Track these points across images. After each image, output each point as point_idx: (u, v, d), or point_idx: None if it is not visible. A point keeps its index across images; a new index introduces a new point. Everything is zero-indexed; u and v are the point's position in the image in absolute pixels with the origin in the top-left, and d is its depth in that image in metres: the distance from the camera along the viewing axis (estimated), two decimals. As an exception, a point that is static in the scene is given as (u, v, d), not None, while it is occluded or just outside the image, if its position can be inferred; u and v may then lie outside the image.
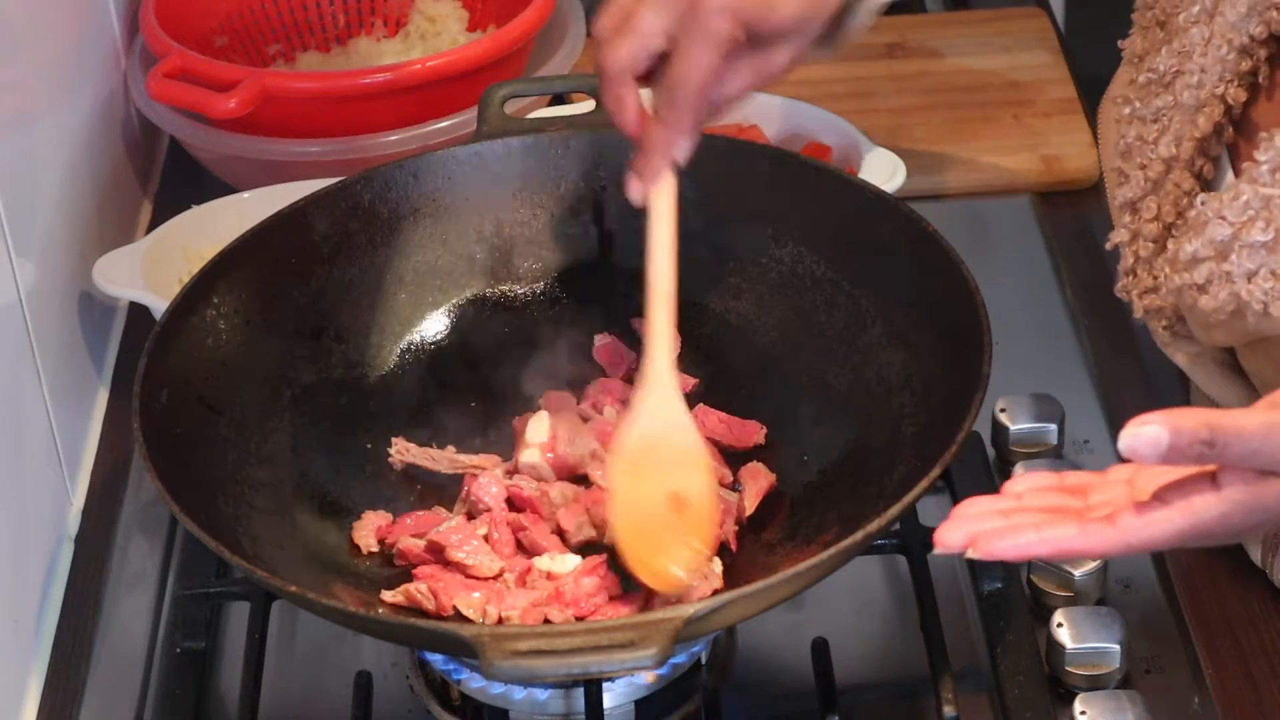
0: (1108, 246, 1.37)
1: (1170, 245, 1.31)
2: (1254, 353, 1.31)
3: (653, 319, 1.26)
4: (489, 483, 1.29)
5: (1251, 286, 1.24)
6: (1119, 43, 1.42)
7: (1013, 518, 1.03)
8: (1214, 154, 1.32)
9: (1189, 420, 0.96)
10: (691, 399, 1.37)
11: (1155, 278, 1.32)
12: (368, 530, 1.29)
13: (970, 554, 1.02)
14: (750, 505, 1.29)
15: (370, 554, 1.28)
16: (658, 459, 1.23)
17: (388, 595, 1.24)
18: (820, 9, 1.29)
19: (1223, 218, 1.25)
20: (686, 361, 1.40)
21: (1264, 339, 1.27)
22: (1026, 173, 1.72)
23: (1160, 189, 1.33)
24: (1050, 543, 1.01)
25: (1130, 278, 1.35)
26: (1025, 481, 1.07)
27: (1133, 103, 1.37)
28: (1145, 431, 0.97)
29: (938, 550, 1.03)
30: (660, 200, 1.28)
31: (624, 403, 1.37)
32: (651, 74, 1.28)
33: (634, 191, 1.28)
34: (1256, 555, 1.35)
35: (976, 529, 1.03)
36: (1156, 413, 0.97)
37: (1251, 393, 1.36)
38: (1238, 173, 1.30)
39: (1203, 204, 1.27)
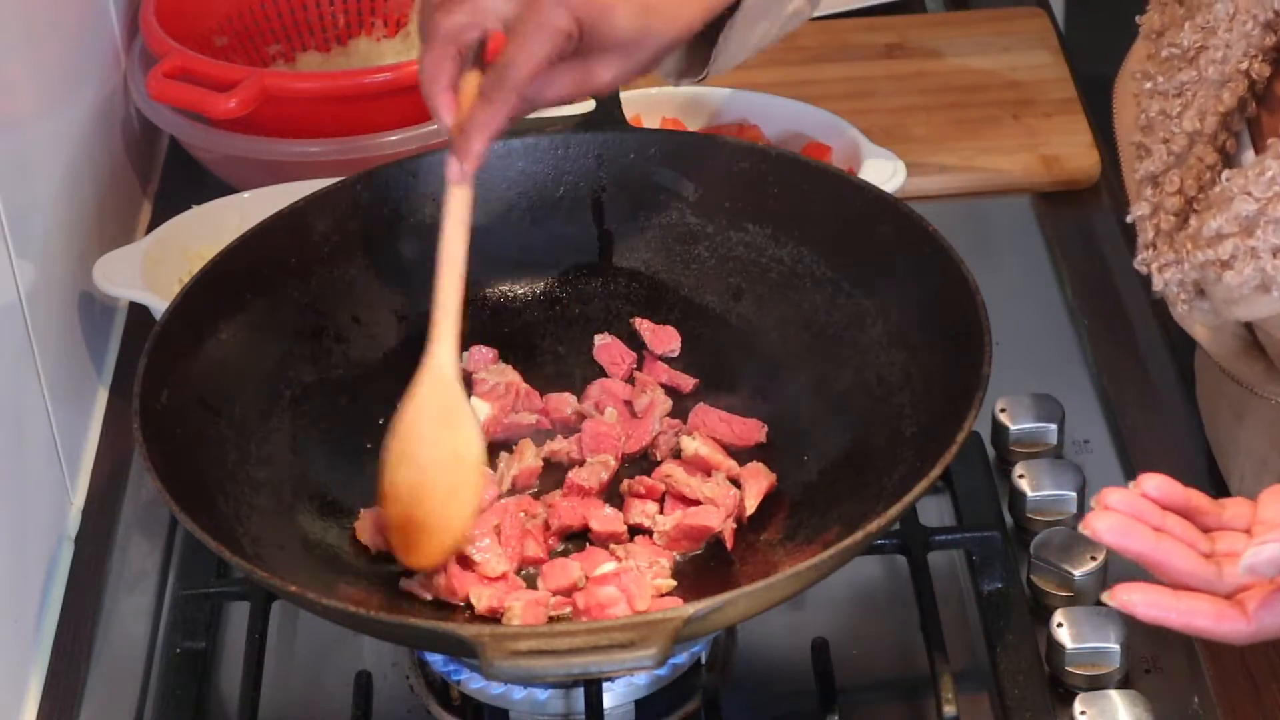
0: (1128, 219, 1.37)
1: (1193, 220, 1.31)
2: (1275, 328, 1.31)
3: (439, 305, 1.25)
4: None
5: (1277, 262, 1.24)
6: (1136, 18, 1.42)
7: (1160, 544, 1.07)
8: (1236, 129, 1.32)
9: None
10: (691, 398, 1.37)
11: (1176, 252, 1.32)
12: (368, 526, 1.29)
13: (1111, 603, 1.07)
14: (751, 505, 1.29)
15: (370, 553, 1.28)
16: (427, 446, 1.24)
17: (405, 584, 1.25)
18: (656, 35, 1.27)
19: (1249, 193, 1.25)
20: (687, 361, 1.40)
21: None
22: (1026, 173, 1.72)
23: (1183, 163, 1.33)
24: (1186, 617, 1.06)
25: (1150, 251, 1.35)
26: (1156, 485, 1.09)
27: (1154, 77, 1.37)
28: (1266, 551, 1.03)
29: (1085, 530, 1.07)
30: (459, 193, 1.26)
31: (628, 403, 1.37)
32: (463, 58, 1.26)
33: (452, 172, 1.26)
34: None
35: (1119, 523, 1.07)
36: (1275, 532, 1.03)
37: (1269, 367, 1.36)
38: (1258, 148, 1.31)
39: (1227, 180, 1.27)
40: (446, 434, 1.24)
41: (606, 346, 1.41)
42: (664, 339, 1.40)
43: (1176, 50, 1.35)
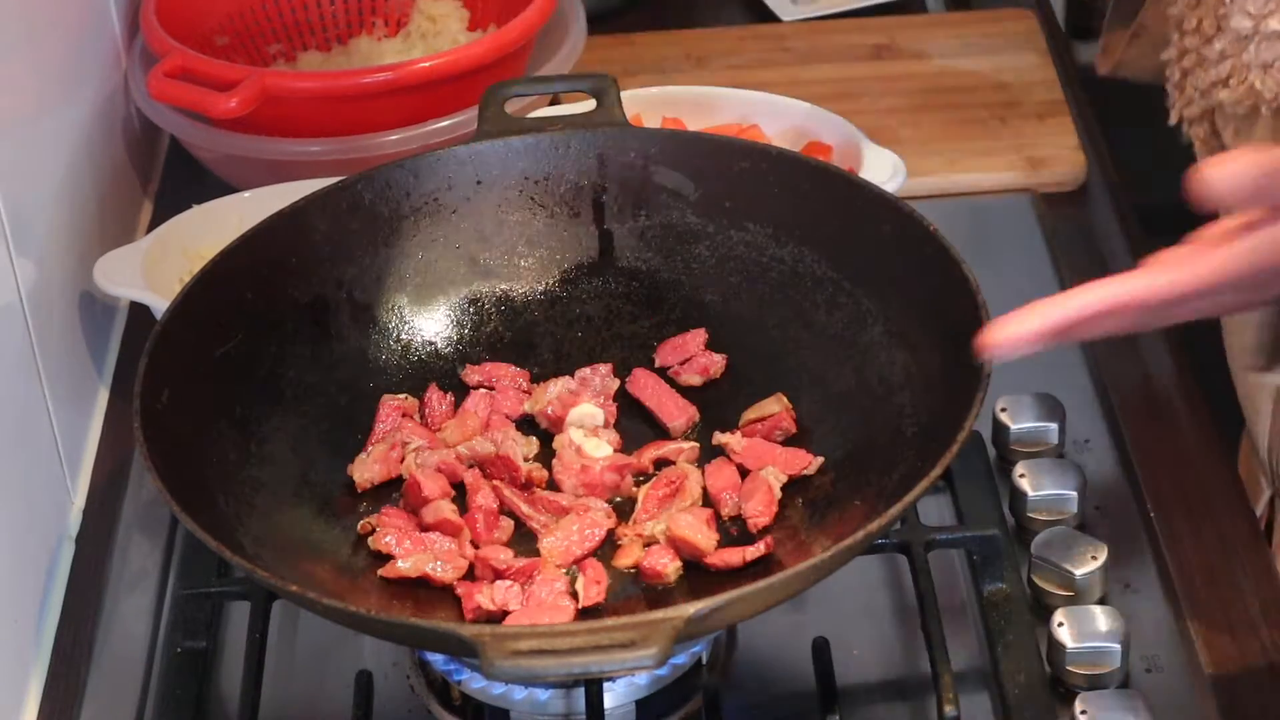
0: (1162, 57, 1.36)
1: (1203, 49, 1.31)
2: None
3: None
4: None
5: (1266, 78, 1.25)
6: None
7: None
8: None
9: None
10: (692, 395, 1.37)
11: (1196, 88, 1.33)
12: (368, 467, 1.32)
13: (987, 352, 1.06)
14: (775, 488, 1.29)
15: (371, 554, 1.28)
16: None
17: (403, 565, 1.25)
18: None
19: (1246, 11, 1.26)
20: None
21: None
22: (1012, 175, 1.72)
23: (1202, 3, 1.33)
24: (1078, 299, 1.04)
25: (1179, 94, 1.35)
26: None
27: None
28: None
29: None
30: None
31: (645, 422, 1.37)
32: None
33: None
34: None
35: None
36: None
37: None
38: None
39: (1230, 2, 1.27)
40: None
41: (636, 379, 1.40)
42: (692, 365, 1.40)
43: None
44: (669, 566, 1.24)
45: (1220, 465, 1.45)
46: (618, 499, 1.31)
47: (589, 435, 1.34)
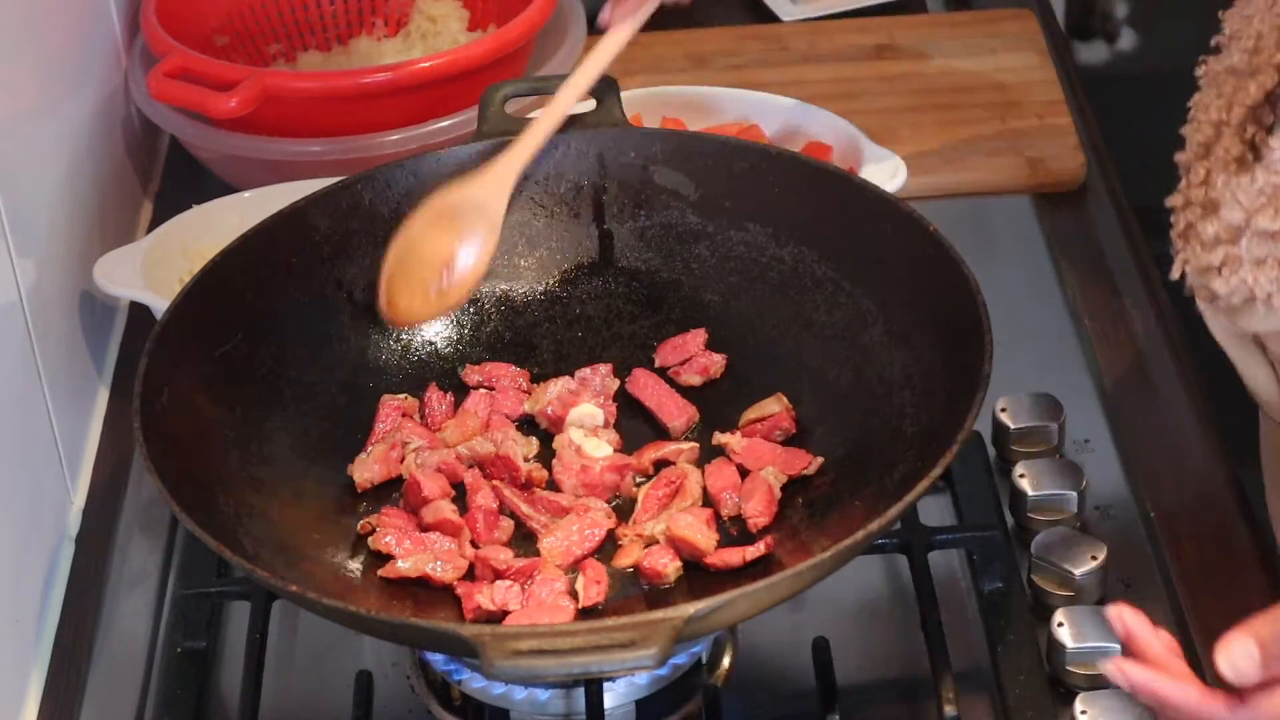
0: (1168, 203, 1.36)
1: (1199, 223, 1.30)
2: (1273, 343, 1.31)
3: (541, 123, 1.38)
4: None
5: (1259, 274, 1.23)
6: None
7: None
8: (1266, 122, 1.29)
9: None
10: (692, 395, 1.37)
11: (1195, 265, 1.31)
12: (368, 467, 1.32)
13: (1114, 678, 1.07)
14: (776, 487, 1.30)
15: (371, 554, 1.28)
16: (454, 221, 1.35)
17: (403, 565, 1.25)
18: None
19: (1238, 201, 1.24)
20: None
21: None
22: (1012, 175, 1.71)
23: (1211, 154, 1.31)
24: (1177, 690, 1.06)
25: (1183, 243, 1.33)
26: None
27: (1206, 62, 1.35)
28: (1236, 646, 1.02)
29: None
30: (615, 37, 1.39)
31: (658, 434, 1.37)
32: None
33: (604, 17, 1.40)
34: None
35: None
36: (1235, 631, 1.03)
37: None
38: None
39: (1223, 185, 1.26)
40: (478, 190, 1.36)
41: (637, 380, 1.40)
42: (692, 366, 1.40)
43: (1223, 38, 1.33)
44: (669, 566, 1.24)
45: (1220, 465, 1.45)
46: (618, 499, 1.31)
47: (589, 435, 1.34)
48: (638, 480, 1.32)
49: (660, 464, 1.33)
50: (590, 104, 1.44)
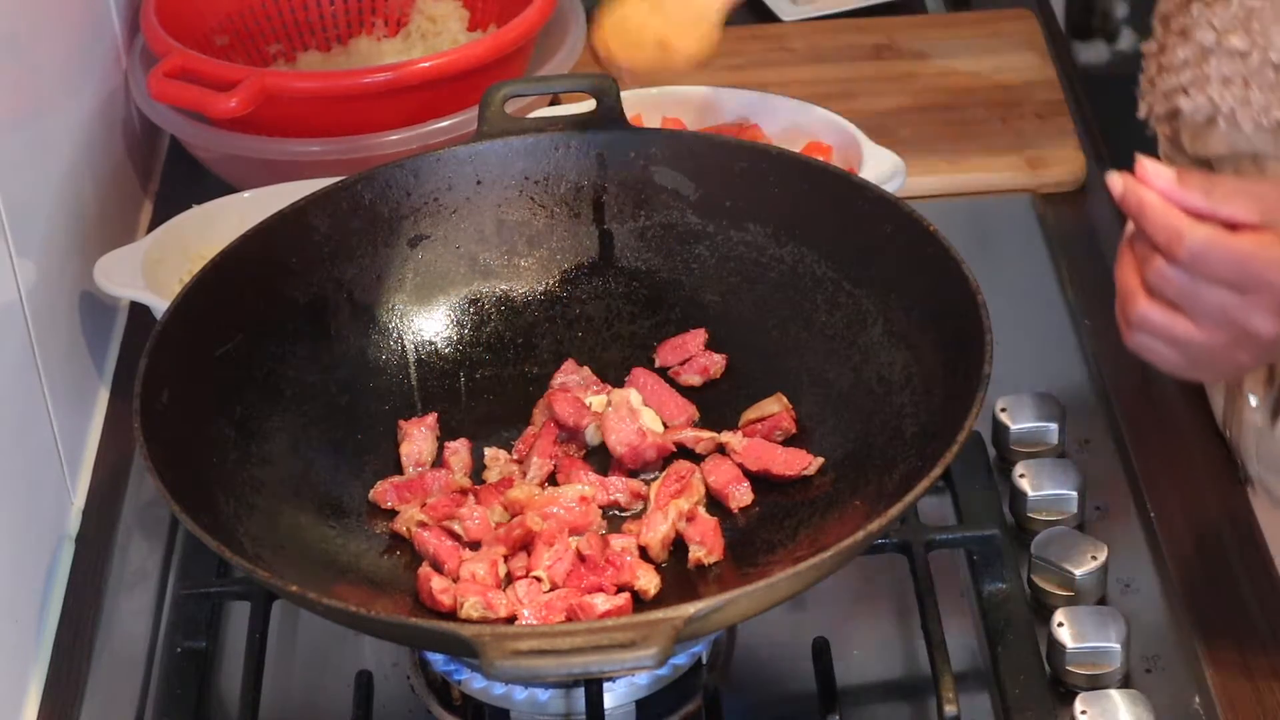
0: (1142, 49, 1.41)
1: (1170, 51, 1.34)
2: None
3: None
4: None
5: (1225, 92, 1.26)
6: None
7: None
8: None
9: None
10: (692, 395, 1.37)
11: (1164, 90, 1.34)
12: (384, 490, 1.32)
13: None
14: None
15: (371, 555, 1.28)
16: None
17: (399, 524, 1.27)
18: None
19: (1210, 24, 1.27)
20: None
21: (1239, 165, 1.29)
22: (1012, 175, 1.72)
23: (1189, 4, 1.34)
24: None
25: (1150, 88, 1.37)
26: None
27: None
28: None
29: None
30: None
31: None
32: None
33: None
34: (1219, 408, 1.38)
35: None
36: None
37: None
38: None
39: (1197, 13, 1.29)
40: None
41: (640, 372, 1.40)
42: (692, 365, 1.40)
43: None
44: (740, 489, 1.29)
45: (1220, 466, 1.45)
46: (617, 500, 1.31)
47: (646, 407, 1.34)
48: (646, 480, 1.32)
49: (667, 459, 1.33)
50: (590, 104, 1.44)
